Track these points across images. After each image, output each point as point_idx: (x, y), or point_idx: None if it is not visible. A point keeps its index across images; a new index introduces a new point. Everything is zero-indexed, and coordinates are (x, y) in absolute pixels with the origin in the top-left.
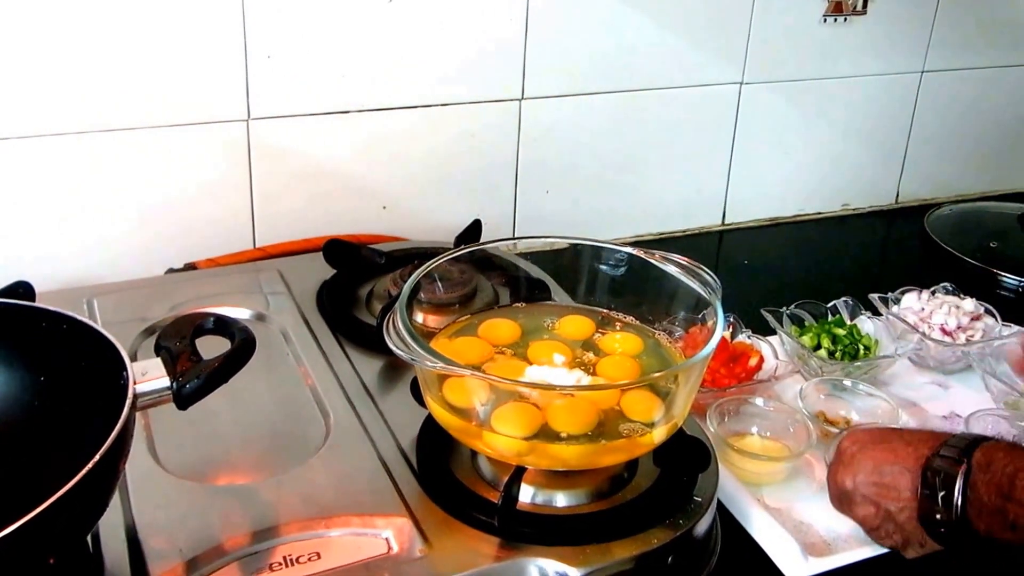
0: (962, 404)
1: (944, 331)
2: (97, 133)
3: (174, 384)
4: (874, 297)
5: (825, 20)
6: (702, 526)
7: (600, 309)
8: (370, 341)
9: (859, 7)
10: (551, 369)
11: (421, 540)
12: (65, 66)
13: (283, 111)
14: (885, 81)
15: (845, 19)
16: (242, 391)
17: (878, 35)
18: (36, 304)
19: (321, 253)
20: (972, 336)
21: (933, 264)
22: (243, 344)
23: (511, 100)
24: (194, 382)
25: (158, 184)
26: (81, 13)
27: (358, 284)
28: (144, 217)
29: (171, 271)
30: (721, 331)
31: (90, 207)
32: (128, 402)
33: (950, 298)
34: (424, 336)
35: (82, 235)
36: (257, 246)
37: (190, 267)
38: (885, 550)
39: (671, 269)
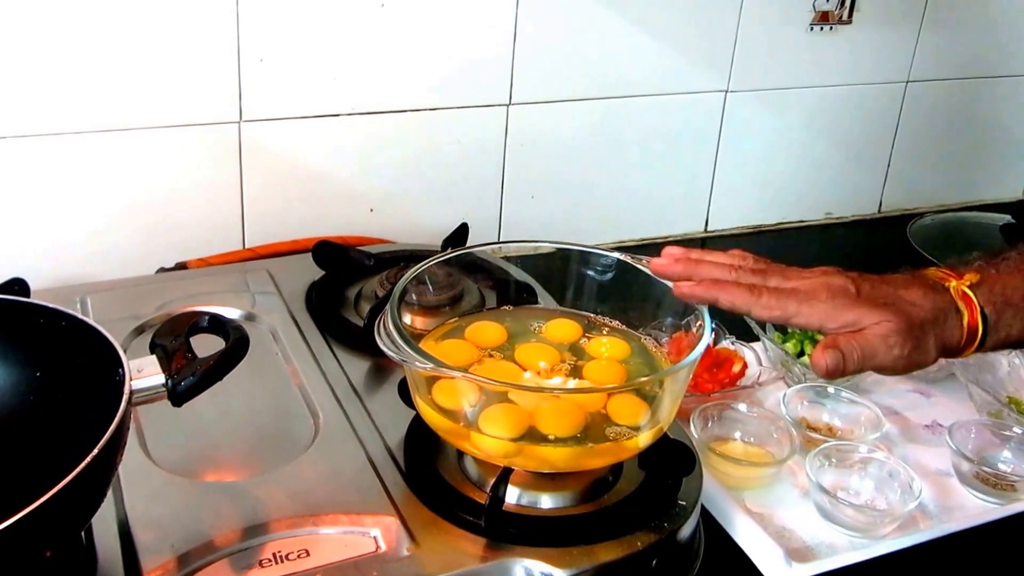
0: (945, 413)
1: None
2: (92, 133)
3: (169, 381)
4: None
5: (811, 29)
6: (686, 530)
7: (587, 313)
8: (358, 341)
9: (845, 17)
10: (536, 375)
11: (408, 539)
12: (59, 67)
13: (274, 114)
14: (870, 90)
15: (831, 28)
16: (232, 389)
17: (864, 45)
18: (34, 301)
19: (310, 254)
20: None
21: None
22: (237, 343)
23: (499, 106)
24: (189, 379)
25: (150, 184)
26: (77, 15)
27: (346, 285)
28: (136, 217)
29: (162, 270)
30: (708, 337)
31: (83, 206)
32: (124, 399)
33: None
34: (412, 338)
35: (75, 234)
36: (247, 247)
37: (181, 267)
38: (869, 556)
39: None
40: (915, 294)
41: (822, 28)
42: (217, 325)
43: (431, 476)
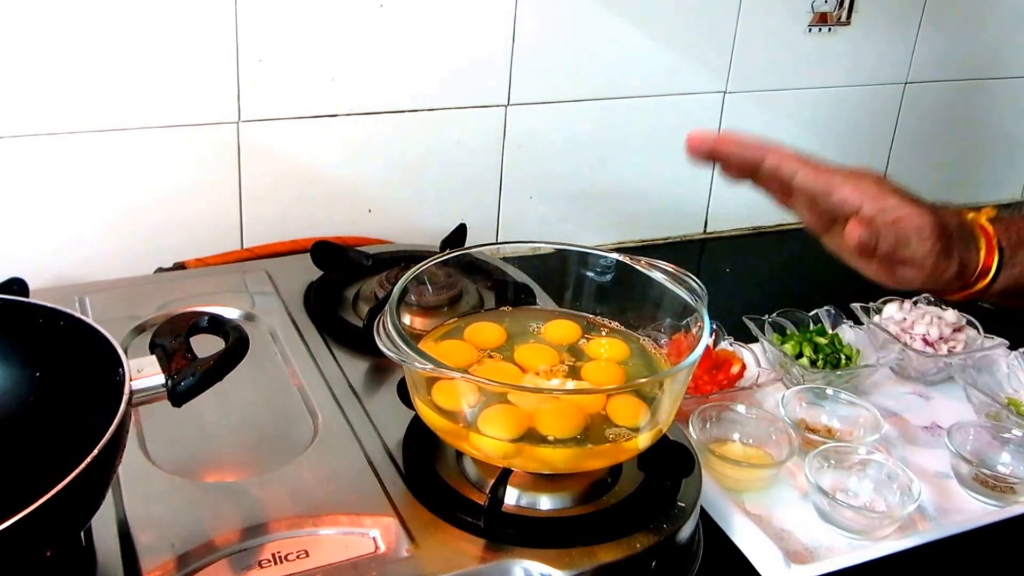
0: (943, 415)
1: (926, 342)
2: (90, 133)
3: (169, 381)
4: (856, 306)
5: (810, 30)
6: (685, 531)
7: (586, 314)
8: (357, 342)
9: (843, 18)
10: (536, 376)
11: (408, 540)
12: (58, 67)
13: (273, 114)
14: (868, 92)
15: (830, 29)
16: (231, 389)
17: (862, 46)
18: (33, 300)
19: (308, 254)
20: (954, 347)
21: None
22: (237, 343)
23: (497, 106)
24: (189, 380)
25: (149, 184)
26: (76, 16)
27: (345, 285)
28: (135, 216)
29: (160, 270)
30: (708, 338)
31: (81, 206)
32: (124, 399)
33: (932, 309)
34: (411, 338)
35: (74, 233)
36: (245, 247)
37: (179, 267)
38: (868, 558)
39: (657, 276)
40: (944, 210)
41: (820, 29)
42: (217, 325)
43: (430, 477)
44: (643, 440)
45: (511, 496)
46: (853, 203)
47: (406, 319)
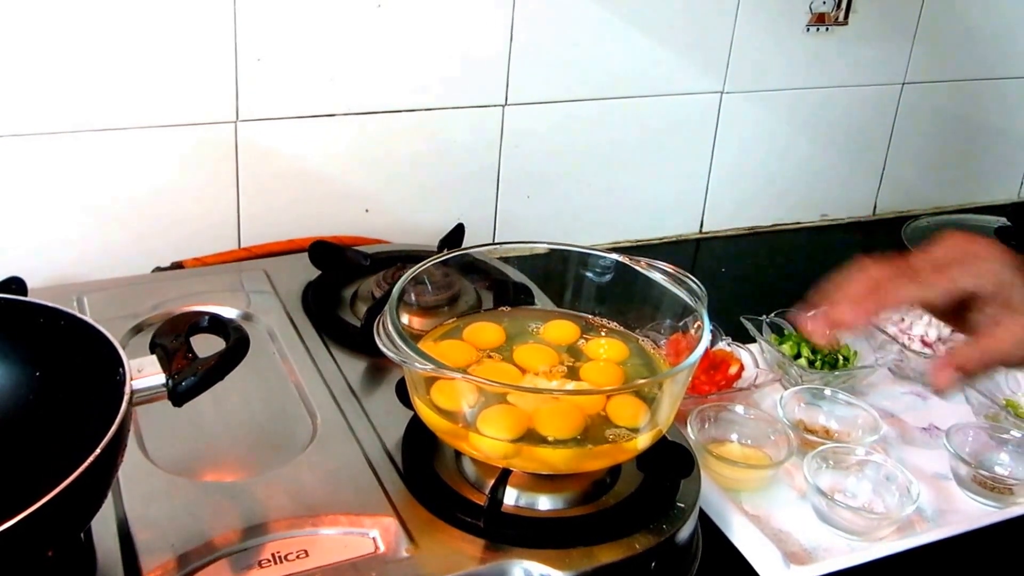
0: (941, 416)
1: (924, 343)
2: (88, 132)
3: (170, 381)
4: None
5: (807, 30)
6: (685, 532)
7: (585, 315)
8: (355, 342)
9: (841, 18)
10: (536, 377)
11: (407, 540)
12: (57, 66)
13: (271, 113)
14: (865, 92)
15: (827, 29)
16: (230, 389)
17: (860, 46)
18: (33, 300)
19: (306, 254)
20: (952, 348)
21: None
22: (238, 343)
23: (494, 106)
24: (190, 379)
25: (147, 184)
26: (75, 15)
27: (342, 285)
28: (132, 216)
29: (158, 270)
30: (707, 339)
31: (79, 205)
32: (125, 399)
33: None
34: (410, 339)
35: (71, 233)
36: (242, 246)
37: (177, 266)
38: (867, 559)
39: (656, 276)
40: None
41: (818, 29)
42: (217, 325)
43: (429, 477)
44: (642, 441)
45: (511, 496)
46: (970, 290)
47: (404, 319)
